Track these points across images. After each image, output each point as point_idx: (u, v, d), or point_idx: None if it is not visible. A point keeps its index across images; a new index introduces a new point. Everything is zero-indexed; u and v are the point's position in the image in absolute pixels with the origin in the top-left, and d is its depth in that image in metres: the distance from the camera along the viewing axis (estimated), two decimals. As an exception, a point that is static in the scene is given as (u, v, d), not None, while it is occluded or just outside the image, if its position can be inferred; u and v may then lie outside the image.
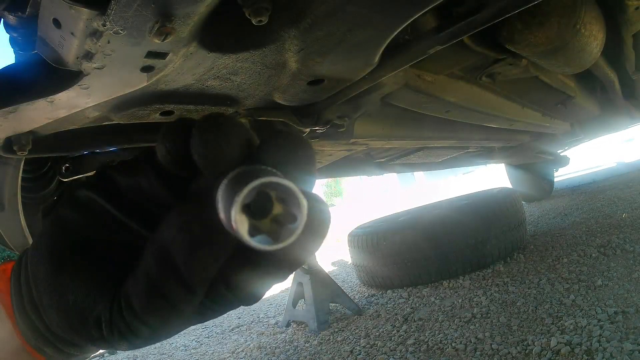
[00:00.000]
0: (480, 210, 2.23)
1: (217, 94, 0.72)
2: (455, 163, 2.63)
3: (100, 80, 0.54)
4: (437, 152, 2.05)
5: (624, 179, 4.32)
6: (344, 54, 0.69)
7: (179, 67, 0.59)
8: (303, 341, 1.87)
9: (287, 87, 0.75)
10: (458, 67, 1.13)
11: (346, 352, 1.59)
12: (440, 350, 1.39)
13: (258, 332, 2.20)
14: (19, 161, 0.82)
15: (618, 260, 1.79)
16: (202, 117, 0.24)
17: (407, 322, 1.74)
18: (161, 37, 0.46)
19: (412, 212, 2.88)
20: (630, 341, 1.10)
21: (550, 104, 1.78)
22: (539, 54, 0.97)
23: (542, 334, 1.28)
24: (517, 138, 2.36)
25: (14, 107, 0.56)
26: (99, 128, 0.78)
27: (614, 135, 4.46)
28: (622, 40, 1.30)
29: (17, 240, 0.93)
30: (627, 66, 1.54)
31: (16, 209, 0.87)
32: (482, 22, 0.67)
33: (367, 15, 0.60)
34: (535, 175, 4.25)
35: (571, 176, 5.96)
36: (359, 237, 2.40)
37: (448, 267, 2.15)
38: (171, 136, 0.25)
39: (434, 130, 1.53)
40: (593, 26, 0.95)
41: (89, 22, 0.43)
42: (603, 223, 2.56)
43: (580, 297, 1.49)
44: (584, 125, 2.45)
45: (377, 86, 0.91)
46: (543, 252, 2.21)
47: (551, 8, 0.87)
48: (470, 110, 1.34)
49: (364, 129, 1.19)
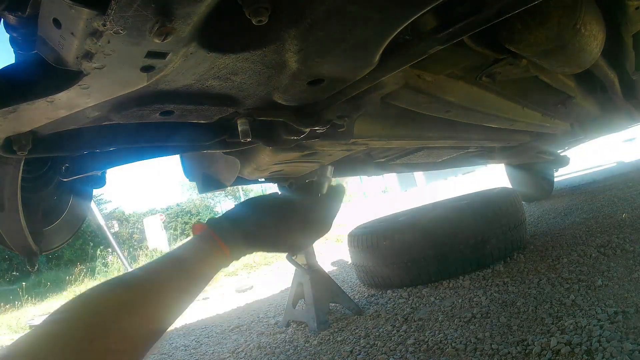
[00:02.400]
0: (480, 210, 2.23)
1: (217, 94, 0.72)
2: (455, 163, 2.63)
3: (100, 80, 0.54)
4: (437, 152, 2.05)
5: (624, 179, 4.32)
6: (344, 54, 0.69)
7: (179, 67, 0.59)
8: (303, 341, 1.87)
9: (287, 87, 0.75)
10: (458, 67, 1.13)
11: (346, 352, 1.59)
12: (440, 350, 1.39)
13: (258, 332, 2.20)
14: (19, 161, 0.82)
15: (618, 260, 1.79)
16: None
17: (407, 322, 1.74)
18: (161, 37, 0.46)
19: (412, 212, 2.88)
20: (630, 341, 1.10)
21: (550, 104, 1.78)
22: (539, 54, 0.97)
23: (542, 334, 1.28)
24: (517, 138, 2.36)
25: (14, 107, 0.56)
26: (99, 128, 0.78)
27: (614, 135, 4.46)
28: (622, 40, 1.30)
29: (17, 240, 0.93)
30: (627, 66, 1.54)
31: (16, 209, 0.87)
32: (482, 22, 0.67)
33: (367, 15, 0.60)
34: (535, 175, 4.25)
35: (571, 176, 5.97)
36: (359, 237, 2.40)
37: (448, 267, 2.15)
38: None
39: (434, 130, 1.53)
40: (593, 26, 0.95)
41: (89, 22, 0.43)
42: (603, 223, 2.56)
43: (580, 297, 1.49)
44: (584, 125, 2.45)
45: (377, 86, 0.92)
46: (543, 252, 2.21)
47: (551, 8, 0.87)
48: (470, 110, 1.34)
49: (364, 129, 1.19)
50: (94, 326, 0.44)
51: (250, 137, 0.85)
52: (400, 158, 1.91)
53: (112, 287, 0.51)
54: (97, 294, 0.50)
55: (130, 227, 20.55)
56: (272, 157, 1.21)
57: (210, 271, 0.59)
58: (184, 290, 0.55)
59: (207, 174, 1.40)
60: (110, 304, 0.48)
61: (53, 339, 0.42)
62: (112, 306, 0.47)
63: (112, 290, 0.51)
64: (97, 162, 0.97)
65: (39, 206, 1.01)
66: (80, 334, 0.42)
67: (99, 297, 0.49)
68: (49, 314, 0.47)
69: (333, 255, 4.54)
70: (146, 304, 0.50)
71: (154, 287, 0.52)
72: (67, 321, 0.44)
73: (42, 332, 0.43)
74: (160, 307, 0.51)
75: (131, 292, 0.50)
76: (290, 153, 1.21)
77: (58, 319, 0.45)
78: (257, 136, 0.94)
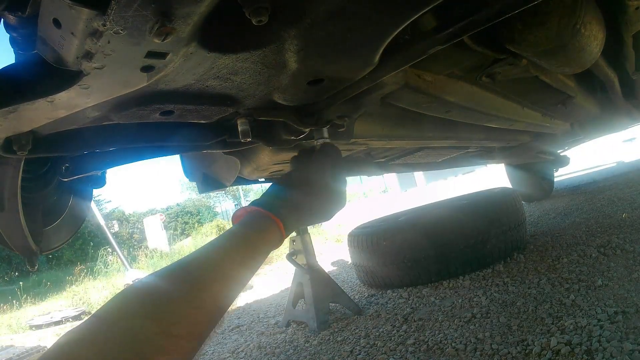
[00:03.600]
0: (480, 210, 2.23)
1: (217, 94, 0.72)
2: (455, 163, 2.63)
3: (100, 80, 0.54)
4: (437, 152, 2.05)
5: (624, 179, 4.32)
6: (344, 54, 0.69)
7: (179, 67, 0.59)
8: (303, 341, 1.87)
9: (287, 87, 0.75)
10: (458, 67, 1.13)
11: (346, 352, 1.59)
12: (440, 350, 1.39)
13: (258, 332, 2.20)
14: (19, 161, 0.82)
15: (618, 260, 1.79)
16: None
17: (407, 322, 1.74)
18: (161, 37, 0.46)
19: (412, 212, 2.88)
20: (630, 341, 1.10)
21: (550, 104, 1.78)
22: (539, 54, 0.97)
23: (542, 334, 1.28)
24: (517, 138, 2.36)
25: (14, 107, 0.56)
26: (99, 128, 0.78)
27: (614, 135, 4.46)
28: (622, 40, 1.30)
29: (17, 240, 0.93)
30: (627, 66, 1.54)
31: (16, 209, 0.87)
32: (482, 22, 0.67)
33: (367, 15, 0.60)
34: (535, 175, 4.25)
35: (571, 176, 5.97)
36: (359, 237, 2.40)
37: (448, 267, 2.15)
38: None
39: (434, 130, 1.53)
40: (593, 26, 0.95)
41: (89, 22, 0.43)
42: (603, 223, 2.56)
43: (580, 297, 1.49)
44: (584, 125, 2.45)
45: (377, 86, 0.91)
46: (543, 252, 2.21)
47: (551, 8, 0.87)
48: (470, 110, 1.34)
49: (364, 129, 1.19)
50: (160, 306, 0.43)
51: (250, 137, 0.85)
52: (401, 158, 1.91)
53: (179, 266, 0.51)
54: (163, 274, 0.49)
55: (130, 227, 20.56)
56: (272, 157, 1.21)
57: (267, 247, 0.61)
58: (247, 266, 0.56)
59: (207, 174, 1.40)
60: (176, 282, 0.47)
61: (114, 321, 0.41)
62: (179, 283, 0.47)
63: (180, 268, 0.50)
64: (97, 162, 0.97)
65: (39, 206, 1.01)
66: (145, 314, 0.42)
67: (164, 277, 0.49)
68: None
69: (333, 255, 4.55)
70: (215, 280, 0.50)
71: (222, 262, 0.53)
72: (130, 303, 0.44)
73: (105, 314, 0.42)
74: (226, 282, 0.51)
75: (201, 269, 0.50)
76: (290, 153, 1.21)
77: (120, 299, 0.45)
78: (257, 136, 0.94)
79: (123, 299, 0.45)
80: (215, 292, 0.49)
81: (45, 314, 5.22)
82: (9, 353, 3.34)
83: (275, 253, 5.87)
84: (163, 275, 0.49)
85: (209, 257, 0.54)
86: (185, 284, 0.47)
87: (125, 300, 0.45)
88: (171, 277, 0.49)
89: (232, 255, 0.55)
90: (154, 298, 0.45)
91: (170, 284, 0.48)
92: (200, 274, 0.50)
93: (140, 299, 0.45)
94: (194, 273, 0.49)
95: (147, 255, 10.61)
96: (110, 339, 0.39)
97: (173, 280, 0.48)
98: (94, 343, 0.38)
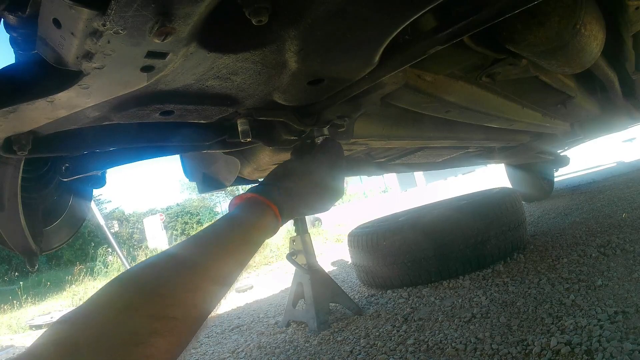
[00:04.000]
0: (480, 210, 2.23)
1: (217, 94, 0.72)
2: (455, 163, 2.63)
3: (100, 80, 0.54)
4: (437, 152, 2.05)
5: (624, 179, 4.32)
6: (344, 54, 0.69)
7: (179, 67, 0.59)
8: (303, 341, 1.87)
9: (287, 87, 0.75)
10: (458, 67, 1.13)
11: (346, 352, 1.59)
12: (440, 350, 1.39)
13: (258, 332, 2.20)
14: (19, 161, 0.82)
15: (618, 260, 1.79)
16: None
17: (407, 322, 1.74)
18: (161, 37, 0.46)
19: (412, 212, 2.88)
20: (630, 341, 1.10)
21: (550, 104, 1.78)
22: (539, 54, 0.97)
23: (542, 334, 1.28)
24: (517, 138, 2.36)
25: (14, 107, 0.56)
26: (99, 128, 0.78)
27: (614, 135, 4.46)
28: (622, 40, 1.30)
29: (17, 240, 0.93)
30: (627, 66, 1.55)
31: (16, 209, 0.87)
32: (482, 22, 0.67)
33: (367, 15, 0.60)
34: (535, 175, 4.25)
35: (571, 176, 5.97)
36: (359, 237, 2.40)
37: (448, 267, 2.15)
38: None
39: (434, 130, 1.53)
40: (593, 26, 0.95)
41: (89, 22, 0.43)
42: (603, 223, 2.56)
43: (580, 297, 1.49)
44: (584, 125, 2.45)
45: (377, 86, 0.91)
46: (543, 252, 2.21)
47: (551, 8, 0.87)
48: (470, 110, 1.34)
49: (364, 129, 1.19)
50: (156, 289, 0.43)
51: (250, 137, 0.85)
52: (400, 158, 1.91)
53: (173, 252, 0.51)
54: (157, 259, 0.49)
55: (130, 227, 20.56)
56: (272, 157, 1.21)
57: (263, 232, 0.60)
58: (243, 250, 0.56)
59: (207, 174, 1.40)
60: (170, 266, 0.47)
61: (109, 304, 0.41)
62: (174, 266, 0.47)
63: (174, 254, 0.51)
64: (97, 162, 0.97)
65: (39, 206, 1.01)
66: (139, 298, 0.42)
67: (158, 261, 0.49)
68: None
69: (333, 255, 4.55)
70: (211, 263, 0.50)
71: (217, 246, 0.53)
72: (125, 285, 0.44)
73: (100, 298, 0.42)
74: (222, 265, 0.51)
75: (196, 253, 0.51)
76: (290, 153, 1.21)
77: (116, 283, 0.44)
78: (257, 136, 0.94)
79: (118, 282, 0.45)
80: (210, 275, 0.49)
81: (45, 314, 5.22)
82: (9, 353, 3.34)
83: (275, 253, 5.87)
84: (158, 259, 0.49)
85: (204, 240, 0.54)
86: (180, 267, 0.47)
87: (120, 283, 0.45)
88: (166, 261, 0.49)
89: (227, 239, 0.55)
90: (148, 280, 0.45)
91: (165, 268, 0.48)
92: (195, 257, 0.50)
93: (135, 282, 0.45)
94: (189, 257, 0.50)
95: (147, 255, 10.61)
96: (105, 321, 0.39)
97: (168, 263, 0.48)
98: (89, 325, 0.38)
